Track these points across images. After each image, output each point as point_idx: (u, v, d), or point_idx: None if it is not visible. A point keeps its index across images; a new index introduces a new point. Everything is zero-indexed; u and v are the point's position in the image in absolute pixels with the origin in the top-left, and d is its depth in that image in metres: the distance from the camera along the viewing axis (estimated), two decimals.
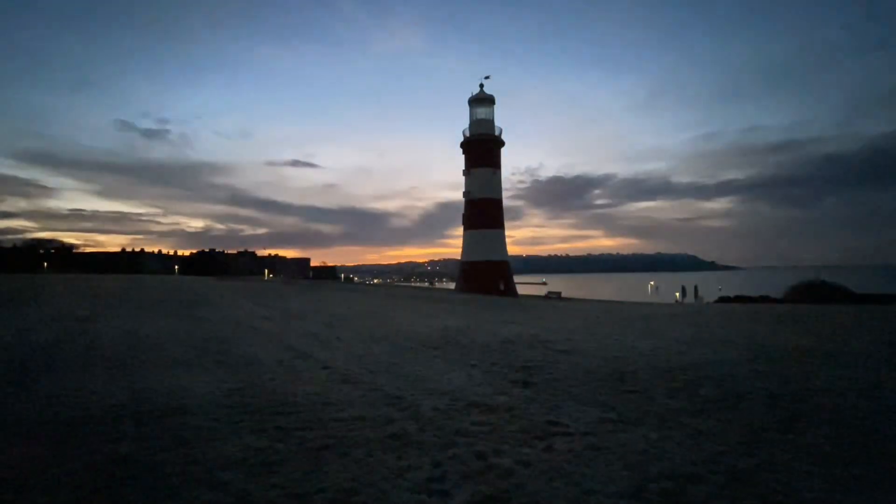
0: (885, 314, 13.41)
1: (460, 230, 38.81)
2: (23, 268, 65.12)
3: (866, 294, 32.31)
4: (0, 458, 3.23)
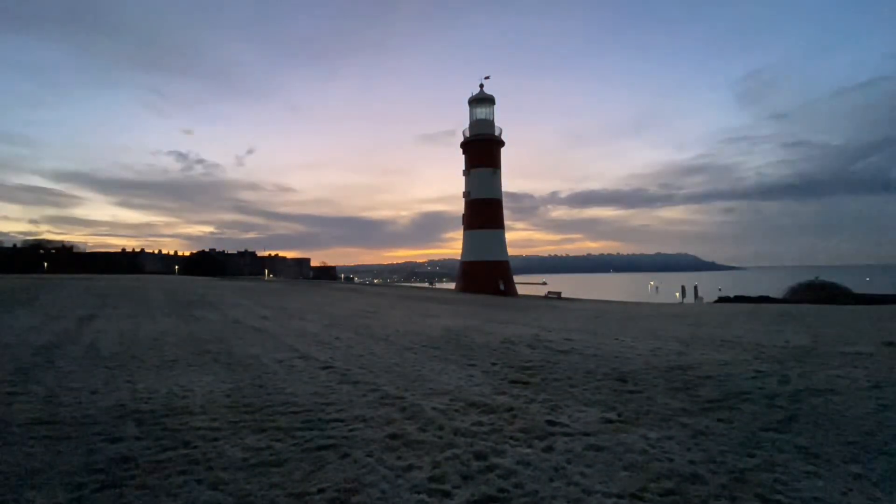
0: (885, 314, 13.41)
1: (448, 234, 38.65)
2: (23, 268, 65.13)
3: (866, 294, 32.36)
4: (0, 457, 3.23)
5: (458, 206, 39.11)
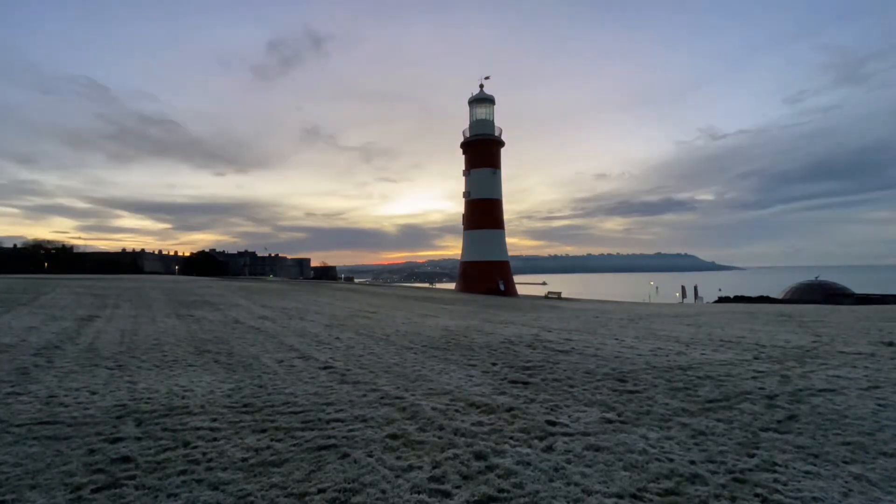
0: (885, 314, 13.41)
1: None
2: (23, 269, 65.11)
3: (866, 294, 32.37)
4: (0, 457, 3.23)
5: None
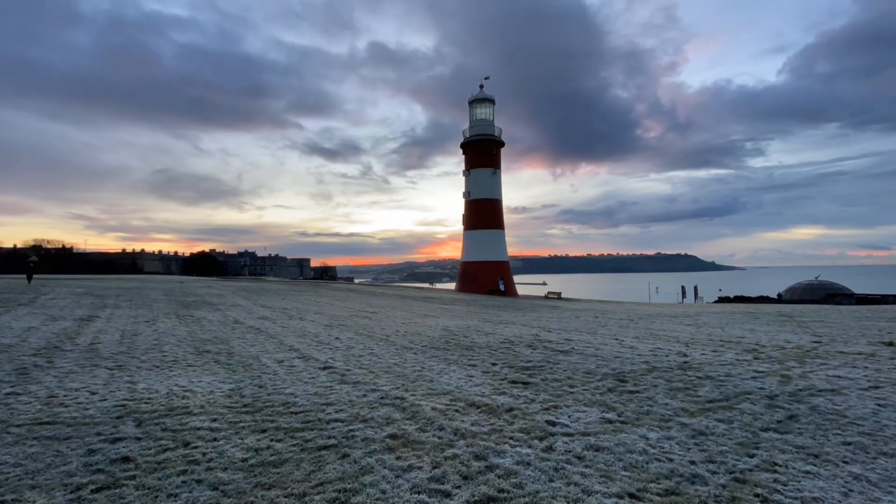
0: (885, 314, 13.41)
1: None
2: (23, 269, 65.01)
3: (866, 294, 32.37)
4: (0, 457, 3.23)
5: None
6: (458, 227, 39.72)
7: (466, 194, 38.30)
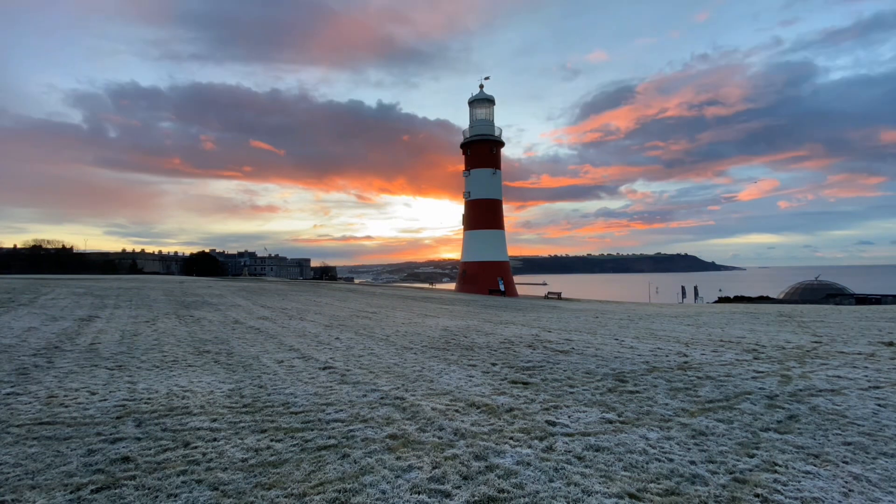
0: (885, 314, 13.41)
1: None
2: (23, 269, 65.10)
3: (865, 294, 32.39)
4: (0, 458, 3.23)
5: None
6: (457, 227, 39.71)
7: (467, 194, 38.32)
